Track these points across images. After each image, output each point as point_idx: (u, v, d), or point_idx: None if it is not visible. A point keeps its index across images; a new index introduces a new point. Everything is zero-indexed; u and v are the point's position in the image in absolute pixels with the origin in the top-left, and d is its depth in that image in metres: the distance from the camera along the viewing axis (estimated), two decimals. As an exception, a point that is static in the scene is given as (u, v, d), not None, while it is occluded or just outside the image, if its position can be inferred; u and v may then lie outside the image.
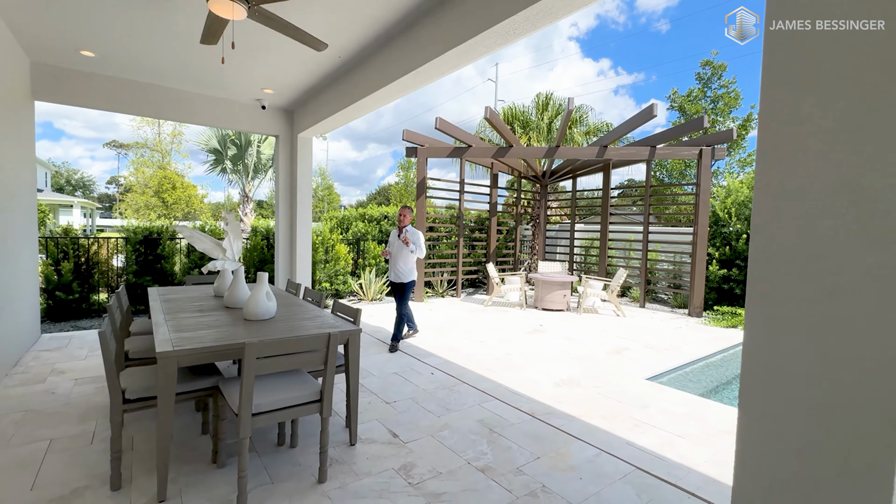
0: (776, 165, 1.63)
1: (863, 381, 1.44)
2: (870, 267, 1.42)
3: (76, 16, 3.85)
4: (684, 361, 5.03)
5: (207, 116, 6.28)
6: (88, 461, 2.57)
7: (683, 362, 5.01)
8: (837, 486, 1.54)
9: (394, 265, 5.24)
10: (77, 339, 5.20)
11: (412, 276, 5.24)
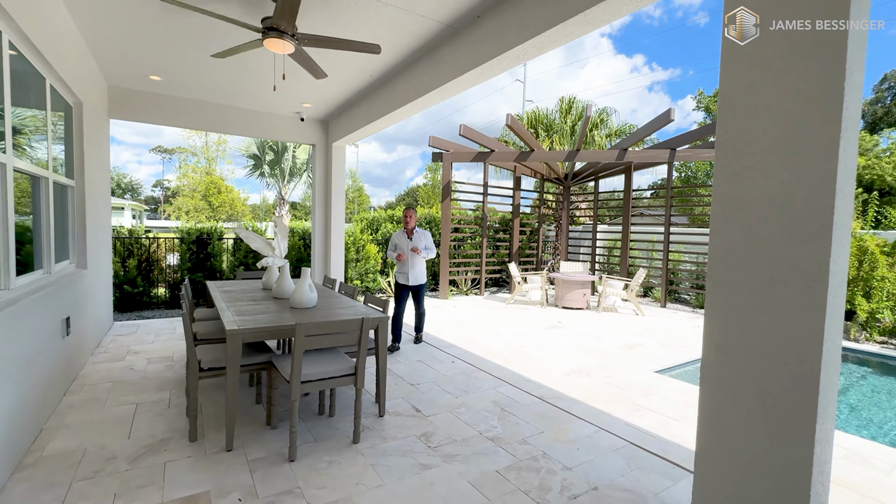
0: (728, 181, 1.98)
1: (791, 353, 1.78)
2: (797, 262, 1.75)
3: (151, 49, 4.52)
4: (695, 357, 5.25)
5: (254, 128, 6.96)
6: (168, 420, 3.15)
7: (694, 358, 5.23)
8: (773, 442, 1.89)
9: (411, 269, 5.11)
10: (144, 327, 5.95)
11: (426, 276, 5.36)
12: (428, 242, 5.14)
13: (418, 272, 5.14)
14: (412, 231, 5.17)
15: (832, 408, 1.81)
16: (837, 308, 1.76)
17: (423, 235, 5.15)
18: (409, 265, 5.08)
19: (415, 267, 5.10)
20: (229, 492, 2.32)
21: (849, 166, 1.70)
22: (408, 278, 5.10)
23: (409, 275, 5.10)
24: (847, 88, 1.64)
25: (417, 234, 5.15)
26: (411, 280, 5.11)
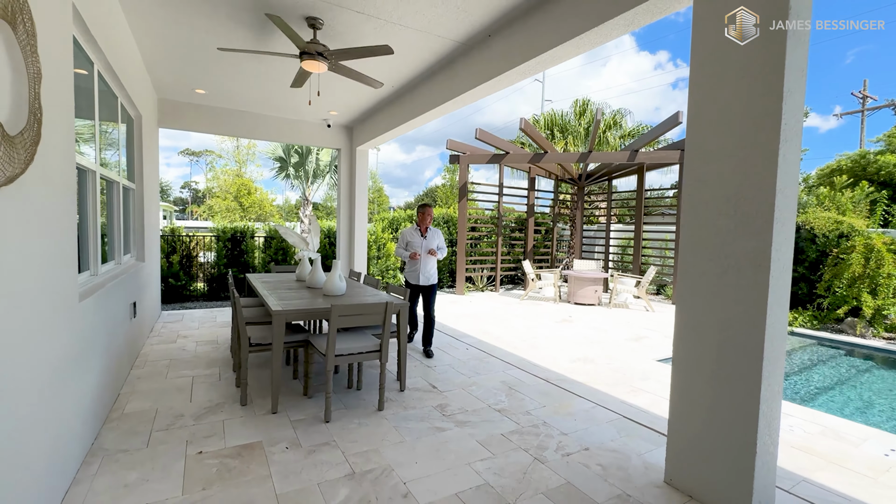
0: (694, 184, 2.35)
1: (742, 327, 2.15)
2: (747, 251, 2.13)
3: (199, 67, 5.10)
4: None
5: (285, 135, 7.54)
6: (220, 389, 3.67)
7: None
8: (727, 402, 2.27)
9: (423, 268, 4.86)
10: (188, 315, 6.57)
11: (437, 275, 5.08)
12: (441, 242, 4.96)
13: (430, 272, 4.89)
14: (427, 229, 4.91)
15: (778, 373, 2.16)
16: (781, 289, 2.11)
17: (436, 234, 4.95)
18: (420, 264, 4.84)
19: (427, 266, 4.86)
20: (277, 442, 2.80)
21: (789, 172, 2.06)
22: (419, 278, 4.85)
23: (421, 274, 4.85)
24: (785, 108, 1.99)
25: (431, 232, 4.92)
26: (422, 280, 4.86)
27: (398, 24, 3.87)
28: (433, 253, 4.84)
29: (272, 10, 3.66)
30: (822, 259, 7.21)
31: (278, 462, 2.57)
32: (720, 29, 2.21)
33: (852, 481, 2.56)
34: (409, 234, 4.93)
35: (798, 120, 2.08)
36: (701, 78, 2.31)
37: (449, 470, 2.55)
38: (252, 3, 3.57)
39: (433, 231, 4.96)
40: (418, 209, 4.92)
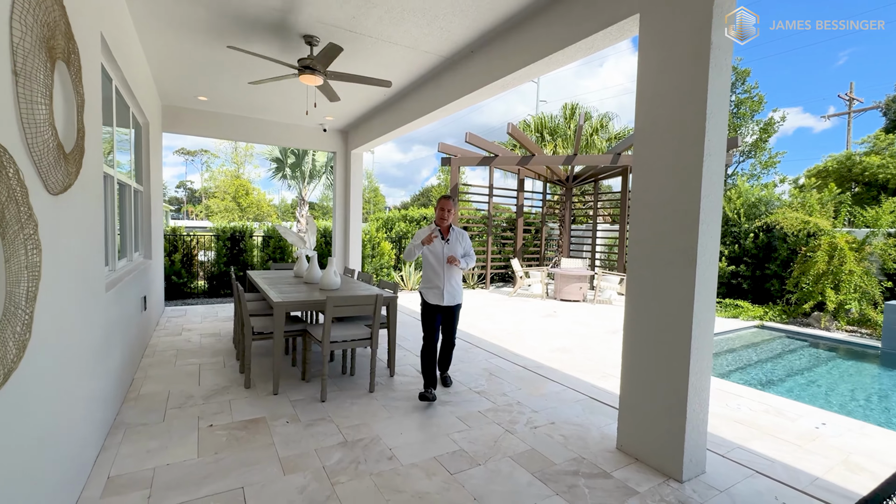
0: (641, 190, 2.73)
1: (675, 310, 2.53)
2: (679, 248, 2.50)
3: (202, 76, 5.44)
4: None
5: (283, 138, 7.88)
6: (226, 375, 4.02)
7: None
8: (663, 375, 2.64)
9: (446, 282, 3.61)
10: (191, 311, 6.91)
11: (462, 291, 3.82)
12: (468, 247, 3.76)
13: (455, 287, 3.68)
14: (449, 230, 3.69)
15: (706, 351, 2.54)
16: (708, 280, 2.49)
17: (461, 237, 3.74)
18: (443, 277, 3.60)
19: (451, 280, 3.64)
20: (279, 417, 3.16)
21: (712, 181, 2.44)
22: (442, 296, 3.60)
23: (445, 291, 3.60)
24: (708, 127, 2.37)
25: (455, 234, 3.71)
26: (447, 299, 3.61)
27: (388, 41, 4.23)
28: (453, 261, 3.55)
29: (272, 29, 4.01)
30: (792, 257, 7.64)
31: (280, 433, 2.93)
32: (661, 57, 2.59)
33: (781, 448, 2.95)
34: (423, 236, 3.61)
35: (721, 137, 2.46)
36: (644, 99, 2.69)
37: (429, 439, 2.92)
38: (248, 26, 3.92)
39: (458, 233, 3.74)
40: (437, 203, 3.65)
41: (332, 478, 2.43)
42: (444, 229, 3.69)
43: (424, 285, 3.73)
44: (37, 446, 1.63)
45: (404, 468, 2.56)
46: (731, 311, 7.64)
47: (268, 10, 3.68)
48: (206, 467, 2.49)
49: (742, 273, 8.44)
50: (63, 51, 1.83)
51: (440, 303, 3.64)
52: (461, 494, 2.32)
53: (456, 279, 3.70)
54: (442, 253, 3.64)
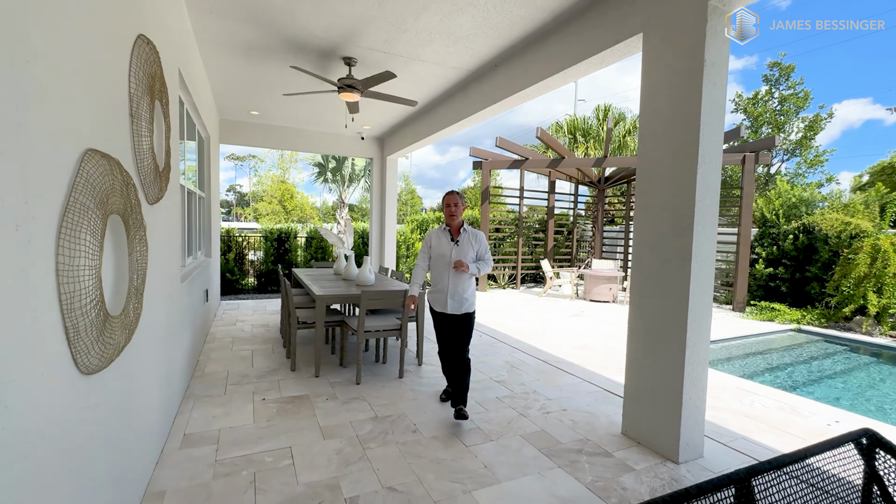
0: (644, 194, 2.97)
1: (672, 306, 2.76)
2: (676, 248, 2.71)
3: (255, 94, 6.08)
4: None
5: (324, 146, 8.51)
6: (274, 359, 4.56)
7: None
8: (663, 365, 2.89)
9: (452, 287, 3.23)
10: (243, 305, 7.63)
11: (475, 300, 3.37)
12: (483, 250, 3.34)
13: (463, 293, 3.25)
14: (459, 230, 3.30)
15: (703, 343, 2.74)
16: (704, 278, 2.70)
17: (475, 239, 3.32)
18: (448, 280, 3.23)
19: (458, 285, 3.23)
20: (320, 395, 3.62)
21: (708, 186, 2.65)
22: (446, 302, 3.24)
23: (448, 297, 3.23)
24: (702, 137, 2.59)
25: (467, 235, 3.30)
26: (451, 306, 3.23)
27: (418, 59, 4.64)
28: (460, 266, 3.14)
29: (315, 54, 4.51)
30: (834, 259, 7.39)
31: (321, 408, 3.39)
32: (660, 73, 2.82)
33: (785, 440, 3.08)
34: (434, 236, 3.36)
35: (716, 146, 2.66)
36: (646, 111, 2.92)
37: (449, 418, 3.28)
38: (296, 49, 4.44)
39: (471, 233, 3.32)
40: (443, 199, 3.31)
41: (363, 444, 2.84)
42: (453, 229, 3.30)
43: (431, 290, 3.39)
44: (147, 397, 2.13)
45: (425, 440, 2.93)
46: (766, 315, 7.49)
47: (313, 37, 4.17)
48: (260, 431, 2.97)
49: (781, 275, 8.22)
50: (159, 92, 2.34)
51: (444, 310, 3.26)
52: (473, 462, 2.66)
53: (464, 285, 3.25)
54: (450, 255, 3.24)
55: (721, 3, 2.57)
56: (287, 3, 3.54)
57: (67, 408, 1.29)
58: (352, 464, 2.60)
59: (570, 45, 3.66)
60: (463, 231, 3.32)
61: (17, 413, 1.02)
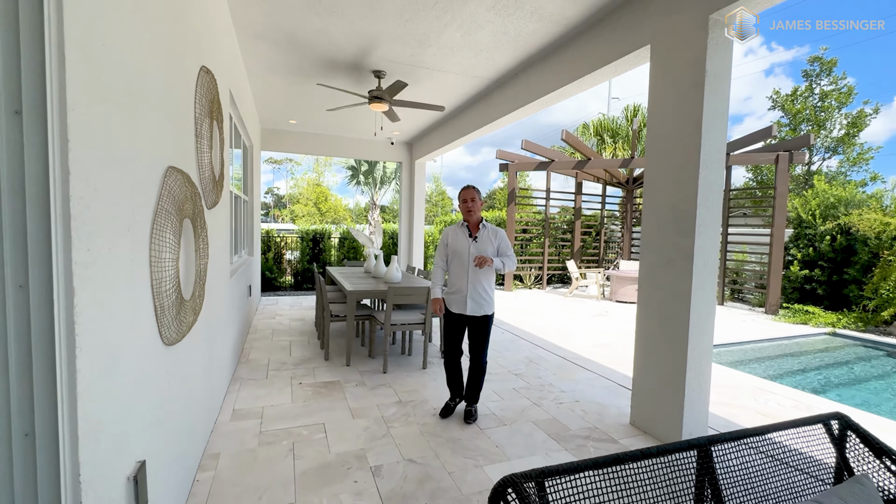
0: (651, 196, 3.15)
1: (675, 302, 2.92)
2: (680, 248, 2.89)
3: (293, 105, 6.56)
4: (717, 342, 5.97)
5: (356, 151, 8.97)
6: (310, 349, 4.97)
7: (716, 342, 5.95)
8: (667, 358, 3.06)
9: (470, 287, 3.11)
10: (281, 301, 8.18)
11: (494, 301, 3.23)
12: (504, 247, 3.21)
13: (483, 294, 3.13)
14: (478, 226, 3.19)
15: (706, 338, 2.89)
16: (706, 277, 2.85)
17: (495, 236, 3.20)
18: (467, 281, 3.11)
19: (478, 285, 3.12)
20: (350, 382, 3.98)
21: (710, 189, 2.80)
22: (465, 303, 3.12)
23: (469, 297, 3.11)
24: (703, 142, 2.75)
25: (486, 231, 3.18)
26: (470, 307, 3.12)
27: (442, 70, 4.94)
28: (483, 262, 3.01)
29: (347, 68, 4.90)
30: (874, 261, 7.13)
31: (351, 392, 3.73)
32: (665, 83, 2.99)
33: (794, 436, 3.16)
34: (451, 233, 3.25)
35: (718, 151, 2.81)
36: (653, 119, 3.09)
37: (467, 404, 3.55)
38: (330, 65, 4.83)
39: (491, 231, 3.20)
40: (459, 195, 3.22)
41: (387, 423, 3.16)
42: (472, 225, 3.20)
43: (448, 290, 3.25)
44: (206, 371, 2.53)
45: (444, 422, 3.22)
46: (799, 318, 7.32)
47: (346, 55, 4.55)
48: (298, 409, 3.35)
49: (817, 278, 7.98)
50: (216, 113, 2.74)
51: (463, 311, 3.14)
52: (486, 442, 2.92)
53: (484, 285, 3.12)
54: (468, 252, 3.13)
55: (721, 16, 2.72)
56: (322, 25, 3.92)
57: (154, 370, 1.66)
58: (377, 439, 2.92)
59: (583, 56, 3.85)
60: (482, 227, 3.20)
61: (125, 372, 1.37)
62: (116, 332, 1.30)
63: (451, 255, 3.22)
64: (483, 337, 3.22)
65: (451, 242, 3.23)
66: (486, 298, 3.17)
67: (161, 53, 1.72)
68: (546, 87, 4.45)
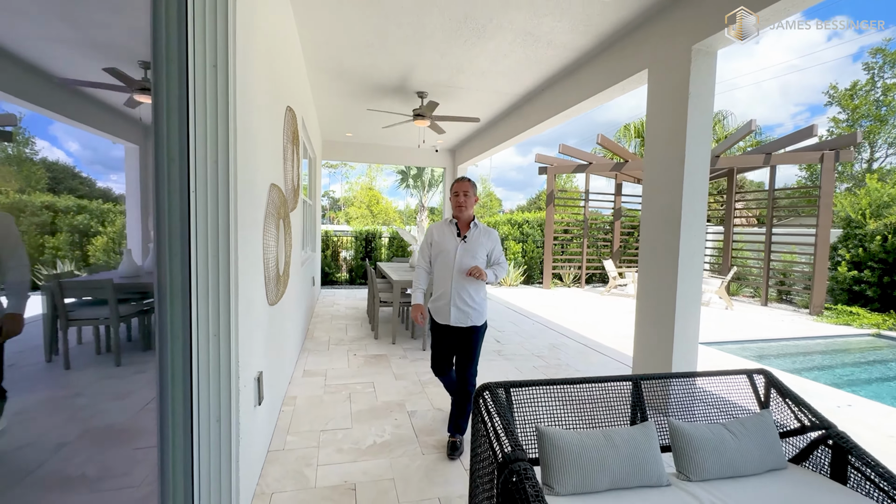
0: (649, 198, 3.66)
1: (665, 289, 3.43)
2: (668, 243, 3.40)
3: (350, 120, 7.54)
4: (739, 338, 6.16)
5: (405, 159, 9.88)
6: (362, 330, 5.84)
7: (737, 339, 6.15)
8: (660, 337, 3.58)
9: (455, 291, 2.67)
10: (337, 293, 9.24)
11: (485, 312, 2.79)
12: (494, 251, 2.79)
13: (469, 303, 2.69)
14: (469, 224, 2.76)
15: (692, 321, 3.36)
16: (692, 267, 3.32)
17: (489, 237, 2.78)
18: (451, 286, 2.68)
19: (462, 291, 2.68)
20: (394, 355, 4.77)
21: (695, 193, 3.27)
22: (449, 312, 2.70)
23: (452, 305, 2.69)
24: (687, 154, 3.24)
25: (477, 231, 2.76)
26: (455, 316, 2.69)
27: (476, 90, 5.63)
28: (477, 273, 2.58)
29: (394, 90, 5.73)
30: (928, 262, 6.90)
31: (395, 362, 4.52)
32: (659, 101, 3.49)
33: (783, 413, 3.52)
34: (436, 230, 2.82)
35: (702, 160, 3.28)
36: (650, 130, 3.60)
37: (488, 372, 4.21)
38: (381, 89, 5.67)
39: (482, 230, 2.77)
40: (451, 187, 2.75)
41: (423, 385, 3.90)
42: (461, 223, 2.75)
43: (431, 299, 2.82)
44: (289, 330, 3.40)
45: (469, 386, 3.90)
46: (842, 318, 7.22)
47: (392, 81, 5.38)
48: (353, 372, 4.18)
49: (866, 279, 7.77)
50: (295, 139, 3.63)
51: (447, 321, 2.69)
52: (501, 401, 3.58)
53: (470, 291, 2.67)
54: (455, 253, 2.67)
55: (703, 46, 3.19)
56: (373, 60, 4.76)
57: (263, 320, 2.49)
58: (413, 395, 3.66)
59: (595, 77, 4.39)
60: (473, 226, 2.73)
61: (253, 316, 2.19)
62: (250, 289, 2.13)
63: (436, 255, 2.76)
64: (469, 352, 2.69)
65: (437, 241, 2.76)
66: (474, 307, 2.68)
67: (266, 103, 2.57)
68: (567, 102, 5.00)
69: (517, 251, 11.80)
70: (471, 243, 2.72)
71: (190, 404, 1.75)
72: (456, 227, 2.78)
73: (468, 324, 2.71)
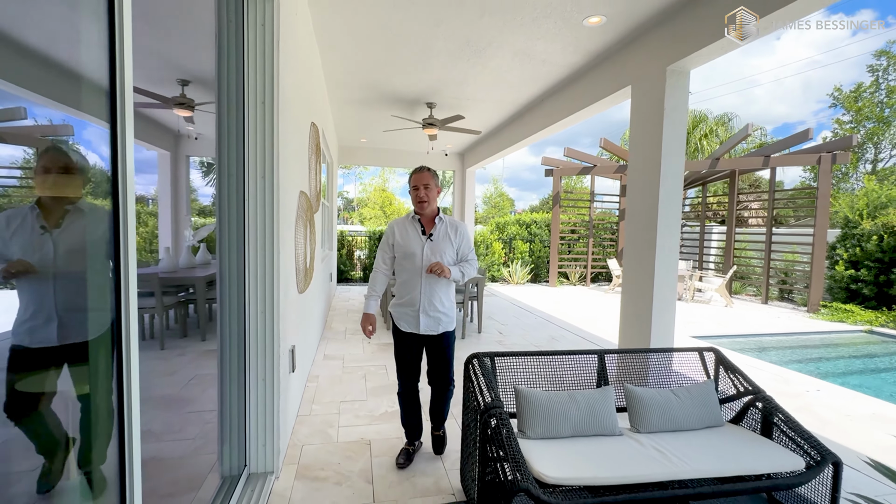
0: (632, 201, 4.07)
1: (644, 280, 3.85)
2: (647, 240, 3.82)
3: (363, 127, 8.06)
4: (733, 333, 6.49)
5: (416, 162, 10.36)
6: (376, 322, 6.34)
7: (731, 333, 6.48)
8: (639, 318, 4.00)
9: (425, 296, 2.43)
10: (352, 290, 9.78)
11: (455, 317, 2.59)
12: (465, 247, 2.54)
13: (440, 308, 2.48)
14: (433, 220, 2.50)
15: (668, 309, 3.76)
16: (668, 261, 3.73)
17: (456, 232, 2.51)
18: (419, 291, 2.43)
19: (433, 297, 2.45)
20: (405, 343, 5.26)
21: (669, 197, 3.68)
22: (417, 319, 2.46)
23: (421, 311, 2.45)
24: (663, 162, 3.65)
25: (443, 226, 2.49)
26: (424, 324, 2.46)
27: (481, 100, 6.09)
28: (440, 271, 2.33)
29: (406, 101, 6.22)
30: (922, 261, 7.12)
31: (405, 350, 5.01)
32: (640, 116, 3.90)
33: (754, 396, 3.90)
34: (397, 228, 2.54)
35: (676, 168, 3.68)
36: (633, 140, 4.01)
37: (491, 361, 4.66)
38: (394, 101, 6.17)
39: (450, 224, 2.52)
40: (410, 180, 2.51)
41: (430, 368, 4.37)
42: (425, 219, 2.49)
43: (395, 302, 2.55)
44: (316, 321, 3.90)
45: (471, 370, 4.37)
46: (837, 316, 7.47)
47: (405, 91, 5.87)
48: (367, 356, 4.68)
49: (863, 278, 7.99)
50: (317, 150, 4.14)
51: (415, 330, 2.47)
52: (498, 382, 4.03)
53: (441, 296, 2.47)
54: (421, 254, 2.42)
55: (677, 66, 3.60)
56: (386, 76, 5.25)
57: (294, 305, 2.99)
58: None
59: (587, 90, 4.81)
60: (438, 221, 2.48)
61: (287, 300, 2.68)
62: (285, 277, 2.63)
63: (400, 256, 2.49)
64: (444, 359, 2.54)
65: (400, 241, 2.48)
66: (444, 312, 2.47)
67: (296, 125, 3.07)
68: (564, 112, 5.43)
69: (525, 250, 12.20)
70: (437, 241, 2.43)
71: (243, 366, 2.25)
72: (420, 224, 2.47)
73: (439, 331, 2.47)
